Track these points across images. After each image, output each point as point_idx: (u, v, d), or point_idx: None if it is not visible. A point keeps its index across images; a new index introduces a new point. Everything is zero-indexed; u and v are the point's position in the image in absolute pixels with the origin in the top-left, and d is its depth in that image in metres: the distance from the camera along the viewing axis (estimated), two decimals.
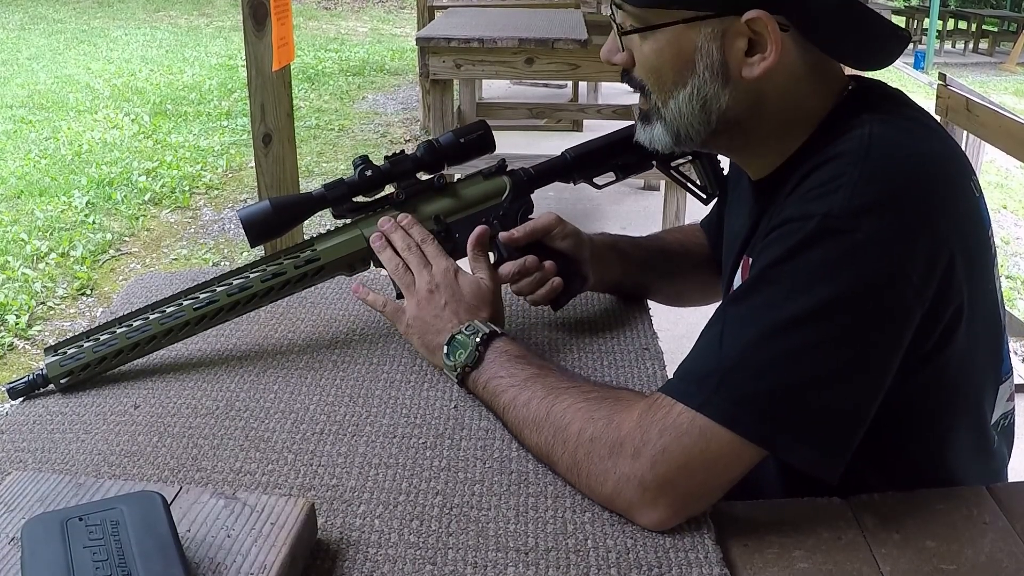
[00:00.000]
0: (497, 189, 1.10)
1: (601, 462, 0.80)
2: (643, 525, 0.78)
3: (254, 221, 1.00)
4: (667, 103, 0.88)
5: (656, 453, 0.77)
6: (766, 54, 0.82)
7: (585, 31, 3.42)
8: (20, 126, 6.15)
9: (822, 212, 0.77)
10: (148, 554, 0.63)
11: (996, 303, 0.89)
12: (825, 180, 0.79)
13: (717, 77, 0.85)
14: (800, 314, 0.75)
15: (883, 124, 0.82)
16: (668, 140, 0.91)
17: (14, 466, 0.86)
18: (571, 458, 0.82)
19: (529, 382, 0.90)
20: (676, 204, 3.50)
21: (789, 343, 0.75)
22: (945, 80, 2.97)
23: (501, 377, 0.92)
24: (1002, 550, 0.78)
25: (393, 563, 0.74)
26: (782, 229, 0.80)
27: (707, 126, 0.88)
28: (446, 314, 1.00)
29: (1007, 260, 4.36)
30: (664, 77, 0.87)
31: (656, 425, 0.78)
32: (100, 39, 10.09)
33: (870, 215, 0.76)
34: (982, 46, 11.93)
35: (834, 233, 0.76)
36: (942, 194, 0.80)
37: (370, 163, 1.03)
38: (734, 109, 0.86)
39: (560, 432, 0.84)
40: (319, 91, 7.69)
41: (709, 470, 0.77)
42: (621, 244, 1.19)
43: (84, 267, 3.84)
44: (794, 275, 0.77)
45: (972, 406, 0.91)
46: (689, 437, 0.76)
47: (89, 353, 1.00)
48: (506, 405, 0.90)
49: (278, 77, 2.10)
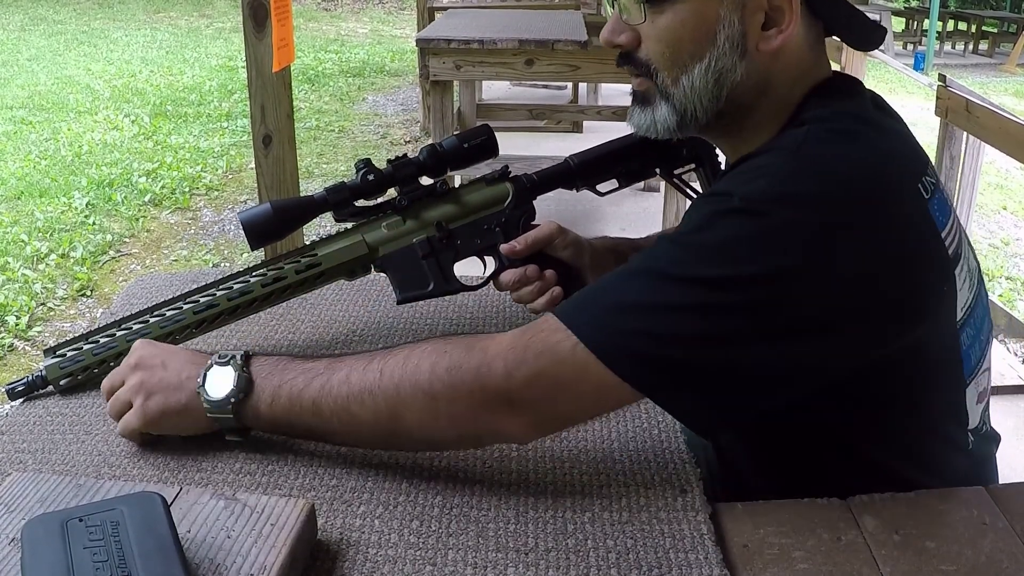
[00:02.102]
0: (499, 195, 1.09)
1: (466, 388, 0.79)
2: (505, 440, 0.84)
3: (255, 224, 1.00)
4: (678, 80, 0.87)
5: (531, 375, 0.78)
6: (783, 26, 0.83)
7: (585, 32, 3.42)
8: (20, 127, 6.15)
9: (741, 193, 0.78)
10: (148, 555, 0.63)
11: (953, 303, 0.86)
12: (754, 167, 0.81)
13: (736, 49, 0.85)
14: (694, 277, 0.77)
15: (823, 125, 0.82)
16: (673, 121, 0.89)
17: (14, 467, 0.86)
18: (426, 398, 0.79)
19: (334, 364, 0.84)
20: (676, 205, 3.50)
21: (677, 298, 0.77)
22: (945, 81, 2.97)
23: (292, 379, 0.84)
24: (1002, 551, 0.78)
25: (393, 563, 0.74)
26: (704, 199, 0.82)
27: (715, 103, 0.87)
28: (173, 368, 0.87)
29: (1007, 261, 4.35)
30: (681, 50, 0.86)
31: (535, 345, 0.78)
32: (100, 40, 10.09)
33: (785, 205, 0.76)
34: (982, 47, 11.93)
35: (748, 214, 0.77)
36: (870, 200, 0.78)
37: (372, 167, 1.03)
38: (744, 86, 0.86)
39: (407, 379, 0.80)
40: (319, 92, 7.69)
41: (578, 401, 0.80)
42: (621, 248, 1.19)
43: (84, 268, 3.84)
44: (699, 244, 0.78)
45: (925, 406, 0.90)
46: (566, 366, 0.78)
47: (89, 356, 1.00)
48: (316, 397, 0.82)
49: (278, 78, 2.10)
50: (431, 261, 1.06)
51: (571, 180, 1.13)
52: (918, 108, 6.57)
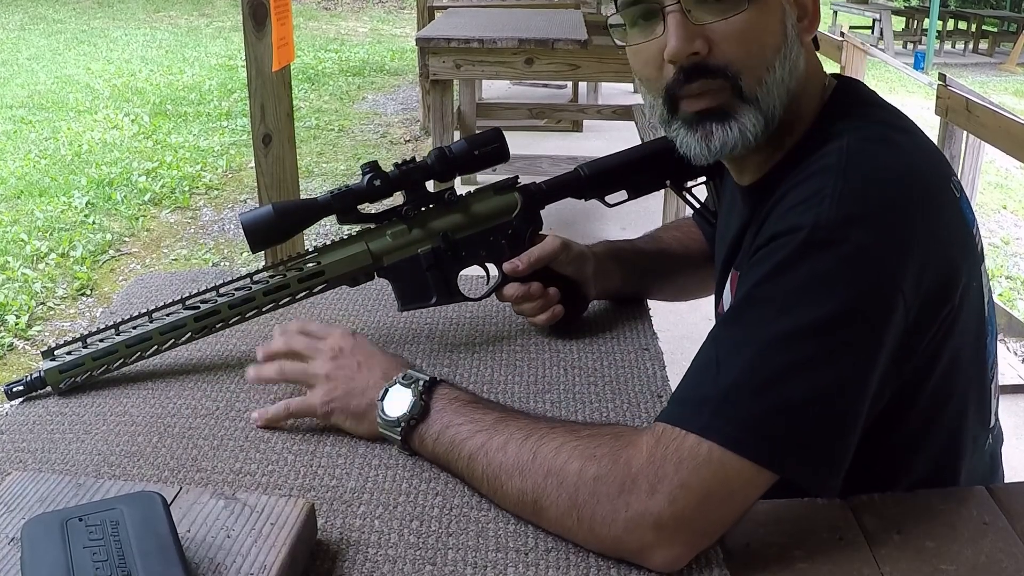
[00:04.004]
0: (508, 205, 1.07)
1: (609, 502, 0.73)
2: (654, 566, 0.73)
3: (256, 227, 0.98)
4: (761, 80, 0.84)
5: (674, 488, 0.72)
6: (810, 16, 0.86)
7: (585, 31, 3.42)
8: (20, 126, 6.15)
9: (810, 224, 0.75)
10: (148, 554, 0.63)
11: (982, 301, 0.88)
12: (808, 194, 0.78)
13: (796, 38, 0.86)
14: (794, 329, 0.74)
15: (859, 135, 0.82)
16: (761, 126, 0.85)
17: (14, 466, 0.86)
18: (570, 501, 0.75)
19: (499, 425, 0.82)
20: (676, 204, 3.50)
21: (786, 359, 0.73)
22: (945, 80, 2.97)
23: (460, 424, 0.83)
24: (1002, 550, 0.78)
25: (393, 563, 0.74)
26: (770, 246, 0.78)
27: (785, 98, 0.86)
28: (364, 373, 0.90)
29: (1007, 260, 4.35)
30: (765, 45, 0.84)
31: (671, 458, 0.73)
32: (100, 39, 10.09)
33: (857, 226, 0.75)
34: (982, 46, 11.92)
35: (823, 244, 0.75)
36: (923, 205, 0.79)
37: (379, 171, 1.00)
38: (802, 77, 0.87)
39: (554, 474, 0.76)
40: (319, 91, 7.69)
41: (727, 501, 0.73)
42: (623, 253, 1.19)
43: (84, 267, 3.84)
44: (785, 290, 0.75)
45: (954, 410, 0.90)
46: (707, 469, 0.72)
47: (88, 360, 0.99)
48: (473, 452, 0.81)
49: (278, 77, 2.10)
50: (435, 272, 1.05)
51: (581, 190, 1.11)
52: (918, 107, 6.56)
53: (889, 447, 0.88)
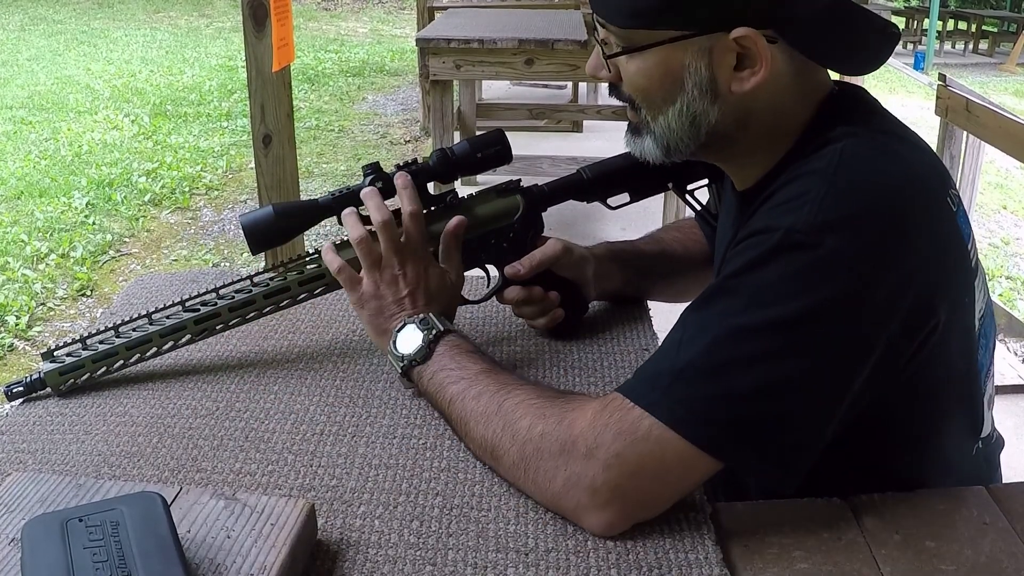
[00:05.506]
0: (510, 208, 1.07)
1: (551, 459, 0.79)
2: (588, 528, 0.77)
3: (257, 228, 0.98)
4: (656, 119, 0.87)
5: (609, 457, 0.76)
6: (756, 69, 0.81)
7: (585, 32, 3.42)
8: (20, 127, 6.15)
9: (786, 226, 0.76)
10: (148, 555, 0.63)
11: (973, 316, 0.87)
12: (792, 196, 0.79)
13: (706, 94, 0.84)
14: (754, 324, 0.75)
15: (855, 140, 0.81)
16: (659, 153, 0.90)
17: (14, 467, 0.86)
18: (519, 453, 0.81)
19: (480, 376, 0.89)
20: (677, 205, 3.50)
21: (742, 350, 0.75)
22: (945, 81, 2.97)
23: (451, 369, 0.91)
24: (1002, 550, 0.78)
25: (393, 563, 0.74)
26: (748, 241, 0.80)
27: (696, 140, 0.87)
28: (405, 302, 0.97)
29: (1007, 260, 4.35)
30: (652, 95, 0.86)
31: (612, 427, 0.76)
32: (100, 40, 10.09)
33: (834, 232, 0.75)
34: (982, 47, 11.93)
35: (796, 247, 0.75)
36: (913, 215, 0.79)
37: (381, 172, 1.00)
38: (723, 123, 0.85)
39: (509, 426, 0.82)
40: (319, 92, 7.69)
41: (661, 478, 0.76)
42: (623, 254, 1.18)
43: (84, 268, 3.84)
44: (753, 286, 0.76)
45: (938, 422, 0.90)
46: (644, 444, 0.75)
47: (88, 363, 0.99)
48: (453, 397, 0.89)
49: (278, 78, 2.10)
50: None
51: (583, 193, 1.11)
52: (918, 108, 6.56)
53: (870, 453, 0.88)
